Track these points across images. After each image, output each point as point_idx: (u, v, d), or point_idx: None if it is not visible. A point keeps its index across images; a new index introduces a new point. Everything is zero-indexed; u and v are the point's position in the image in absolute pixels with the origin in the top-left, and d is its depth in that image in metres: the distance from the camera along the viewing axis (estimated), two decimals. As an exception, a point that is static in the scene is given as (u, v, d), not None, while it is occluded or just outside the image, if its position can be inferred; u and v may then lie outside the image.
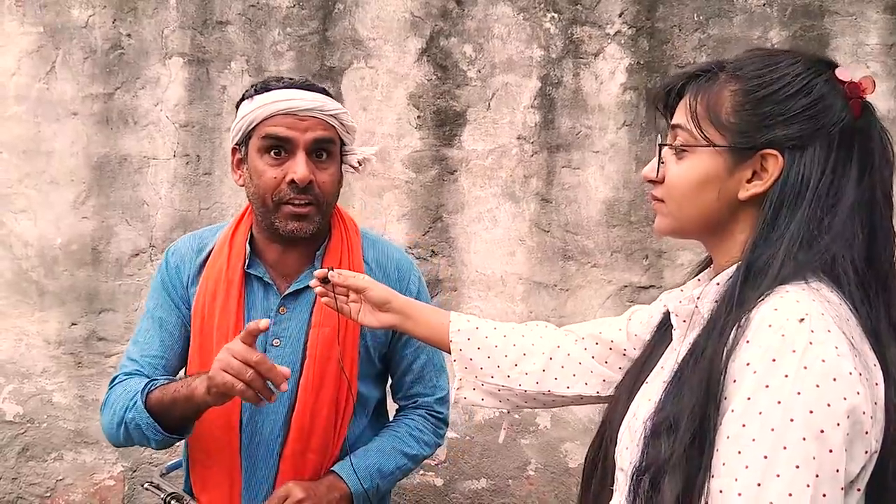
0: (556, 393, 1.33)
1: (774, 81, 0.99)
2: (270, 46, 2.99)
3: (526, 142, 2.97)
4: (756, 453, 0.85)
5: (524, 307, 2.97)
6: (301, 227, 1.52)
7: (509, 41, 2.97)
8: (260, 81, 1.57)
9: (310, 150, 1.51)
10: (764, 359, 0.87)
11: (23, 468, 3.03)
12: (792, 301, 0.90)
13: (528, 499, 2.98)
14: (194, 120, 3.00)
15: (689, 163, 1.04)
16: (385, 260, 1.69)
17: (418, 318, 1.40)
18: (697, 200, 1.04)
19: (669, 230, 1.10)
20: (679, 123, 1.06)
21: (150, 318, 1.63)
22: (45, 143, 3.00)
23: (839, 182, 0.97)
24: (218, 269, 1.58)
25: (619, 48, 2.95)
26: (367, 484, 1.58)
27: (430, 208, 2.99)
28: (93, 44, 3.00)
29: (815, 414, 0.84)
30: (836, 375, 0.85)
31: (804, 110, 0.97)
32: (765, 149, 0.99)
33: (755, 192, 1.00)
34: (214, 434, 1.56)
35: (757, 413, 0.86)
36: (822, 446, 0.84)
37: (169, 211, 3.00)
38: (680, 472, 0.91)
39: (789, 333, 0.87)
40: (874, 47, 2.89)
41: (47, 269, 3.01)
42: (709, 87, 1.03)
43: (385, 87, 2.98)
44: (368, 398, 1.67)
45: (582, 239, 2.96)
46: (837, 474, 0.84)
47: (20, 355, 3.02)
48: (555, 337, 1.37)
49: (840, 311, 0.92)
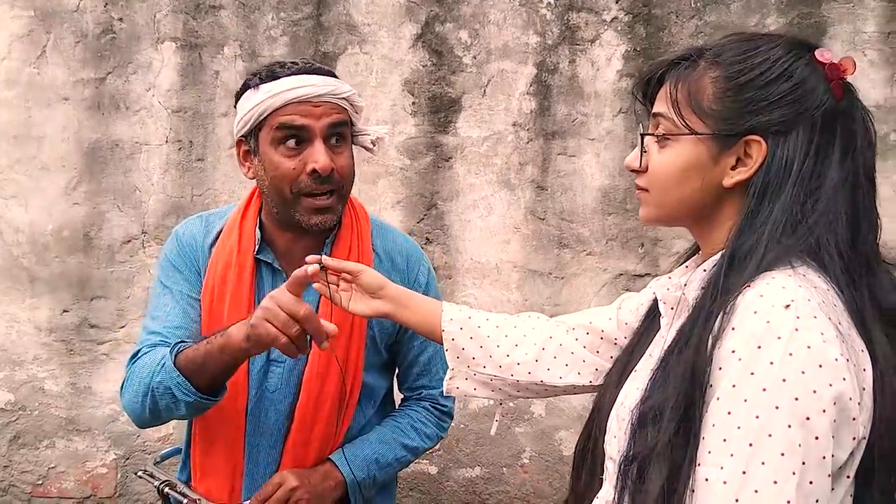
0: (549, 383, 1.32)
1: (755, 67, 0.99)
2: (264, 31, 2.96)
3: (521, 129, 2.95)
4: (741, 441, 0.85)
5: (519, 295, 2.96)
6: (325, 220, 1.49)
7: (505, 27, 2.95)
8: (263, 69, 1.51)
9: (326, 137, 1.47)
10: (749, 346, 0.87)
11: (14, 456, 3.02)
12: (778, 287, 0.90)
13: (522, 487, 2.98)
14: (187, 105, 2.97)
15: (672, 151, 1.03)
16: (394, 249, 1.65)
17: (411, 306, 1.39)
18: (681, 189, 1.03)
19: (654, 219, 1.10)
20: (660, 112, 1.05)
21: (168, 292, 1.57)
22: (36, 128, 2.97)
23: (822, 165, 0.97)
24: (228, 253, 1.55)
25: (615, 35, 2.93)
26: (363, 474, 1.57)
27: (424, 195, 2.97)
28: (84, 28, 2.96)
29: (800, 401, 0.84)
30: (822, 362, 0.85)
31: (786, 95, 0.97)
32: (748, 135, 0.98)
33: (740, 178, 1.00)
34: (219, 421, 1.53)
35: (742, 400, 0.86)
36: (808, 433, 0.83)
37: (161, 197, 2.98)
38: (665, 461, 0.90)
39: (774, 320, 0.87)
40: (871, 35, 2.87)
41: (38, 255, 2.98)
42: (689, 74, 1.02)
43: (380, 73, 2.96)
44: (375, 388, 1.65)
45: (577, 227, 2.95)
46: (824, 461, 0.84)
47: (11, 342, 3.00)
48: (547, 327, 1.37)
49: (827, 296, 0.91)
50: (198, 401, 1.40)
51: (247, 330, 1.31)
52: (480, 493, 2.98)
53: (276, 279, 1.56)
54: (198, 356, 1.38)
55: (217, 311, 1.53)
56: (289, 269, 1.55)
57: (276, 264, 1.56)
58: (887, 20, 2.87)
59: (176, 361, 1.40)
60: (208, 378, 1.39)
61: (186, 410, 1.42)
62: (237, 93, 1.54)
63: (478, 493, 2.99)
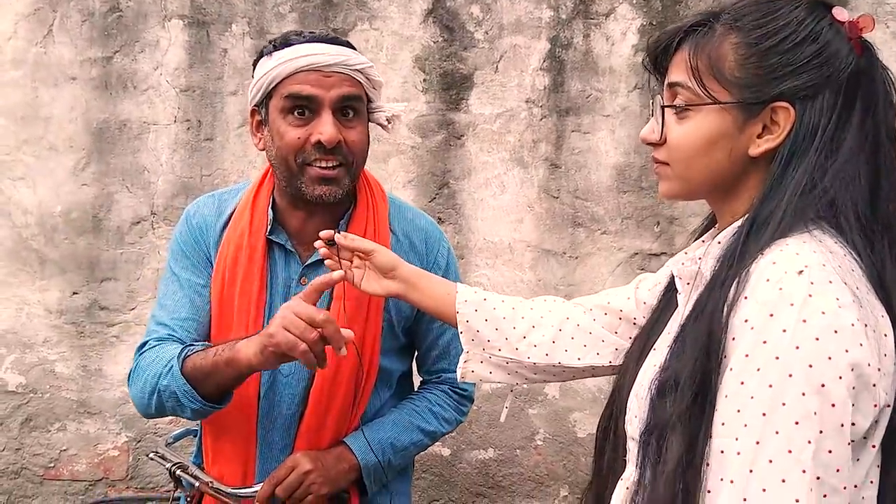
0: (567, 365, 1.30)
1: (779, 30, 0.94)
2: (272, 8, 2.92)
3: (535, 105, 2.90)
4: (755, 411, 0.83)
5: (532, 275, 2.92)
6: (330, 191, 1.44)
7: (518, 1, 2.89)
8: (279, 36, 1.47)
9: (336, 109, 1.42)
10: (762, 314, 0.85)
11: (26, 439, 3.01)
12: (791, 253, 0.87)
13: (536, 469, 2.95)
14: (195, 84, 2.93)
15: (694, 122, 0.99)
16: (413, 230, 1.61)
17: (424, 287, 1.37)
18: (706, 161, 0.99)
19: (677, 193, 1.06)
20: (678, 81, 1.00)
21: (176, 280, 1.56)
22: (44, 108, 2.95)
23: (843, 126, 0.94)
24: (239, 234, 1.51)
25: (630, 8, 2.87)
26: (378, 457, 1.53)
27: (436, 174, 2.93)
28: (91, 6, 2.93)
29: (814, 368, 0.81)
30: (838, 327, 0.82)
31: (813, 58, 0.93)
32: (775, 102, 0.95)
33: (767, 147, 0.96)
34: (232, 406, 1.50)
35: (755, 370, 0.84)
36: (824, 401, 0.81)
37: (170, 177, 2.95)
38: (683, 432, 0.89)
39: (787, 286, 0.84)
40: (894, 7, 2.80)
41: (47, 237, 2.96)
42: (707, 41, 0.98)
43: (390, 50, 2.91)
44: (392, 371, 1.61)
45: (592, 205, 2.90)
46: (843, 429, 0.82)
47: (21, 325, 2.98)
48: (563, 309, 1.34)
49: (844, 261, 0.89)
50: (203, 408, 1.40)
51: (261, 342, 1.29)
52: (494, 475, 2.96)
53: (288, 260, 1.53)
54: (205, 365, 1.38)
55: (228, 293, 1.51)
56: (301, 250, 1.53)
57: (288, 245, 1.53)
58: (911, -9, 2.80)
59: (183, 368, 1.40)
60: (214, 388, 1.39)
61: (192, 415, 1.44)
62: (253, 62, 1.51)
63: (491, 475, 2.96)
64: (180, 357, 1.41)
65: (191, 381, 1.38)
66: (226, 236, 1.54)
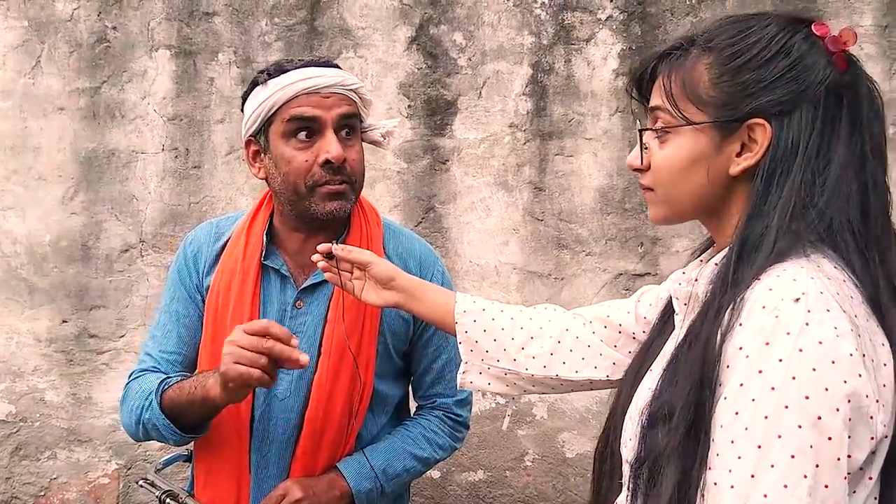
0: (565, 377, 1.28)
1: (750, 47, 0.94)
2: (258, 37, 2.96)
3: (518, 130, 2.94)
4: (749, 443, 0.81)
5: (518, 297, 2.94)
6: (340, 206, 1.47)
7: (499, 28, 2.94)
8: (270, 66, 1.50)
9: (337, 128, 1.46)
10: (757, 342, 0.83)
11: (16, 467, 3.01)
12: (788, 279, 0.85)
13: (525, 490, 2.96)
14: (182, 113, 2.96)
15: (673, 145, 0.99)
16: (407, 254, 1.62)
17: (423, 297, 1.36)
18: (687, 183, 0.99)
19: (664, 218, 1.05)
20: (657, 105, 1.01)
21: (167, 313, 1.59)
22: (32, 138, 2.97)
23: (829, 142, 0.92)
24: (234, 260, 1.53)
25: (610, 34, 2.92)
26: (370, 484, 1.53)
27: (421, 198, 2.96)
28: (78, 37, 2.96)
29: (811, 399, 0.79)
30: (835, 357, 0.80)
31: (786, 72, 0.92)
32: (750, 119, 0.94)
33: (746, 165, 0.95)
34: (223, 431, 1.52)
35: (750, 400, 0.82)
36: (820, 434, 0.79)
37: (159, 205, 2.97)
38: (676, 463, 0.87)
39: (784, 314, 0.82)
40: (868, 28, 2.86)
41: (37, 266, 2.97)
42: (681, 63, 0.98)
43: (375, 77, 2.95)
44: (388, 396, 1.61)
45: (576, 227, 2.93)
46: (839, 462, 0.79)
47: (11, 353, 2.99)
48: (563, 320, 1.33)
49: (843, 287, 0.87)
50: (183, 438, 1.47)
51: (219, 381, 1.34)
52: (484, 497, 2.97)
53: (284, 285, 1.54)
54: (181, 400, 1.44)
55: (221, 318, 1.52)
56: (297, 274, 1.55)
57: (283, 270, 1.54)
58: (883, 13, 2.86)
59: (161, 402, 1.46)
60: (193, 420, 1.46)
61: (175, 443, 1.50)
62: (244, 94, 1.53)
63: (481, 497, 2.97)
64: (158, 392, 1.46)
65: (169, 415, 1.45)
66: (221, 262, 1.56)
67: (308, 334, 1.52)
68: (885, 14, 2.85)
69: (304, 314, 1.53)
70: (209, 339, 1.53)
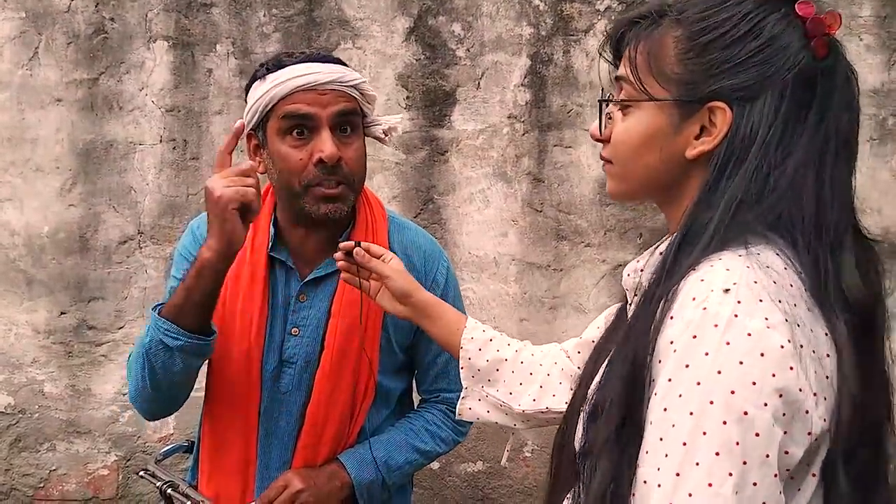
0: (554, 409, 1.27)
1: (720, 24, 0.87)
2: (256, 28, 2.95)
3: (517, 121, 2.93)
4: (675, 440, 0.77)
5: (518, 288, 2.94)
6: (335, 209, 1.44)
7: (498, 19, 2.93)
8: (270, 59, 1.47)
9: (333, 126, 1.42)
10: (686, 335, 0.79)
11: (15, 459, 3.01)
12: (721, 270, 0.81)
13: (524, 480, 2.97)
14: (180, 104, 2.96)
15: (633, 119, 0.93)
16: (412, 248, 1.61)
17: (435, 317, 1.35)
18: (642, 160, 0.93)
19: (619, 193, 1.00)
20: (621, 75, 0.95)
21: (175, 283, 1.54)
22: (30, 130, 2.96)
23: (792, 132, 0.86)
24: (241, 252, 1.49)
25: (609, 24, 2.91)
26: (371, 475, 1.53)
27: (420, 190, 2.96)
28: (76, 28, 2.95)
29: (737, 394, 0.75)
30: (765, 350, 0.76)
31: (753, 55, 0.86)
32: (711, 101, 0.88)
33: (703, 149, 0.89)
34: (231, 423, 1.51)
35: (677, 396, 0.78)
36: (747, 430, 0.75)
37: (157, 197, 2.97)
38: (609, 458, 0.84)
39: (712, 306, 0.78)
40: (867, 19, 2.85)
41: (35, 257, 2.97)
42: (649, 34, 0.92)
43: (373, 68, 2.95)
44: (391, 390, 1.61)
45: (575, 218, 2.93)
46: (768, 459, 0.75)
47: (9, 345, 2.99)
48: (554, 353, 1.33)
49: (782, 277, 0.82)
50: (187, 343, 1.36)
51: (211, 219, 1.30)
52: (483, 488, 2.98)
53: (289, 277, 1.53)
54: (178, 296, 1.36)
55: (230, 309, 1.51)
56: (301, 266, 1.54)
57: (289, 262, 1.53)
58: (882, 4, 2.85)
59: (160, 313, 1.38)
60: (193, 313, 1.36)
61: (182, 361, 1.38)
62: (246, 86, 1.51)
63: (480, 488, 2.98)
64: (155, 308, 1.39)
65: (169, 318, 1.36)
66: None
67: (311, 328, 1.51)
68: (885, 4, 2.85)
69: (307, 308, 1.52)
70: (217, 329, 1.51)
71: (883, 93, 2.85)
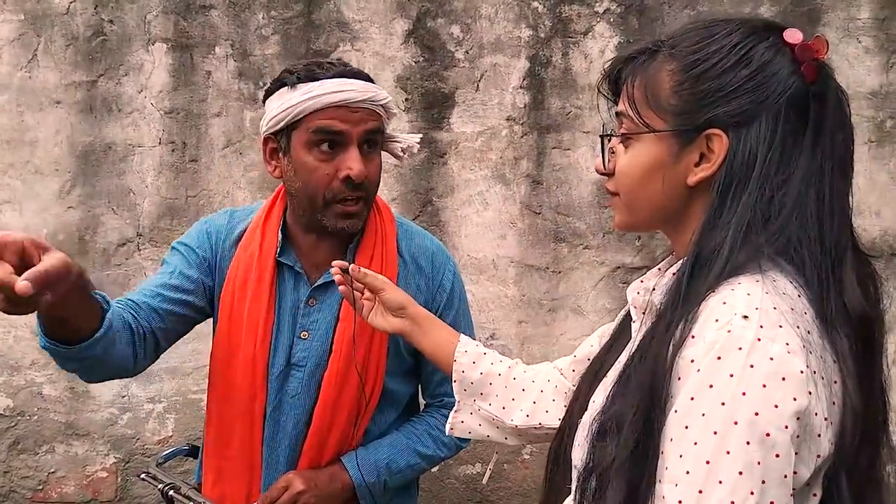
0: (547, 425, 1.28)
1: (711, 55, 0.92)
2: (255, 30, 2.95)
3: (515, 123, 2.94)
4: (698, 458, 0.80)
5: (516, 290, 2.95)
6: (351, 225, 1.47)
7: (497, 21, 2.94)
8: (300, 68, 1.47)
9: (360, 143, 1.44)
10: (709, 356, 0.82)
11: (14, 461, 3.01)
12: (742, 294, 0.84)
13: (523, 483, 2.97)
14: (179, 106, 2.96)
15: (634, 151, 0.97)
16: (420, 253, 1.61)
17: (428, 330, 1.37)
18: (646, 191, 0.98)
19: (626, 225, 1.04)
20: (621, 111, 1.00)
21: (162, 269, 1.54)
22: (29, 132, 2.96)
23: (790, 155, 0.90)
24: (249, 255, 1.53)
25: (608, 27, 2.91)
26: (372, 478, 1.54)
27: (419, 192, 2.96)
28: (75, 31, 2.95)
29: (760, 416, 0.78)
30: (786, 374, 0.79)
31: (745, 82, 0.90)
32: (708, 129, 0.92)
33: (703, 175, 0.93)
34: (237, 427, 1.52)
35: (700, 415, 0.81)
36: (768, 451, 0.78)
37: (156, 199, 2.97)
38: (624, 477, 0.86)
39: (736, 329, 0.81)
40: (865, 21, 2.86)
41: (34, 260, 2.96)
42: (645, 69, 0.97)
43: (372, 70, 2.94)
44: (398, 394, 1.62)
45: (573, 220, 2.94)
46: (786, 480, 0.79)
47: (9, 348, 2.99)
48: (547, 371, 1.35)
49: (797, 303, 0.86)
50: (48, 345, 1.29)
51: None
52: (482, 490, 2.98)
53: (297, 282, 1.54)
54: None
55: (237, 313, 1.52)
56: (310, 272, 1.55)
57: (297, 267, 1.54)
58: (881, 6, 2.85)
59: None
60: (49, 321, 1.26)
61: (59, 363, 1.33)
62: (268, 88, 1.51)
63: (479, 490, 2.98)
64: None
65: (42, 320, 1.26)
66: (236, 256, 1.55)
67: (320, 332, 1.52)
68: (883, 7, 2.85)
69: (316, 312, 1.53)
70: (224, 335, 1.54)
71: (881, 95, 2.85)
